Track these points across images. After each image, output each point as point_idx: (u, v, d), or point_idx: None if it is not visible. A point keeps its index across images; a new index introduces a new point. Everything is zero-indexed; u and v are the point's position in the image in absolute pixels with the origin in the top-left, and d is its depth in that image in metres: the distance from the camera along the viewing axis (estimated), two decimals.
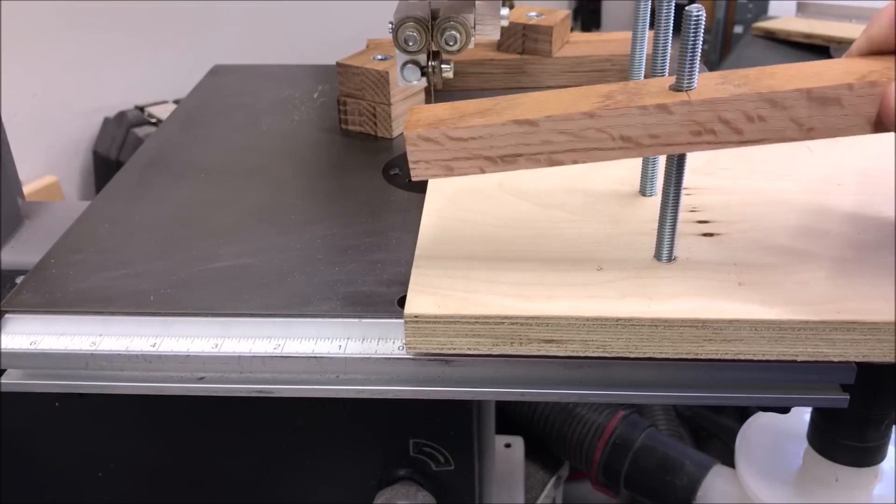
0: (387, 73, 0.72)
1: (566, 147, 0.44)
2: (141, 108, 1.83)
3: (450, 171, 0.46)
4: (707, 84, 0.44)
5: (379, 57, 0.75)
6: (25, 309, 0.52)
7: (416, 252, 0.51)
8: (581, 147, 0.44)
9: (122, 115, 1.81)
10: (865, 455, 0.56)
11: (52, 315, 0.51)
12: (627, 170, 0.58)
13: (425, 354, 0.47)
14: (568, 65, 0.84)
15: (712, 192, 0.56)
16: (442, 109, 0.47)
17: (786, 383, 0.47)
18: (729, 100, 0.42)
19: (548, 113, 0.44)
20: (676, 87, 0.44)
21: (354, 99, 0.75)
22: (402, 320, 0.46)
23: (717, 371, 0.47)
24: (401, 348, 0.48)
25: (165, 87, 1.86)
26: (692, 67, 0.43)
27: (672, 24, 0.48)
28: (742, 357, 0.45)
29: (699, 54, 0.43)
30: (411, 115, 0.47)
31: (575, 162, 0.45)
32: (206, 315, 0.51)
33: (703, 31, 0.43)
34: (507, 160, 0.45)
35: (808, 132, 0.43)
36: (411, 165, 0.46)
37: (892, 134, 0.43)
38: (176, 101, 1.80)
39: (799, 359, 0.44)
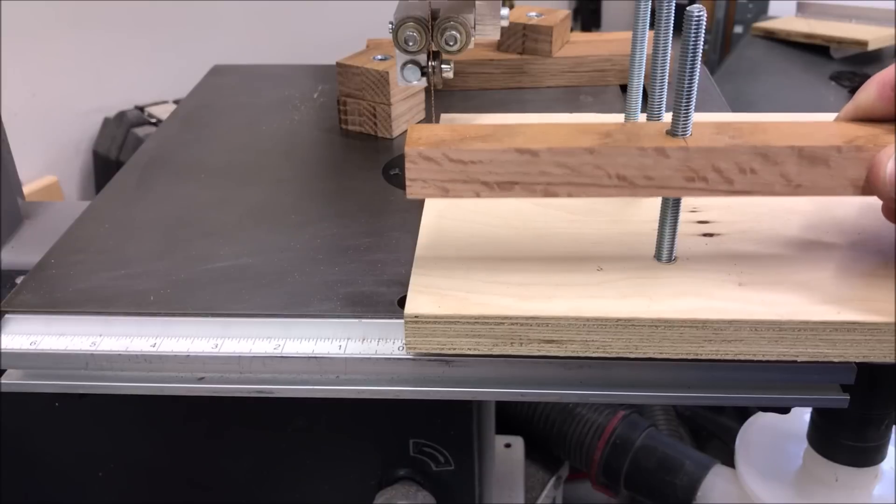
0: (387, 73, 0.72)
1: (563, 180, 0.45)
2: (141, 108, 1.83)
3: (445, 193, 0.46)
4: (703, 132, 0.45)
5: (379, 57, 0.75)
6: (25, 309, 0.52)
7: (416, 252, 0.51)
8: (577, 181, 0.45)
9: (122, 115, 1.81)
10: (865, 455, 0.56)
11: (52, 315, 0.51)
12: None
13: (425, 355, 0.47)
14: (568, 65, 0.84)
15: None
16: (442, 130, 0.47)
17: (786, 383, 0.47)
18: (724, 150, 0.44)
19: (549, 145, 0.44)
20: (672, 132, 0.45)
21: (354, 99, 0.75)
22: (402, 320, 0.46)
23: (717, 371, 0.47)
24: (401, 348, 0.48)
25: (165, 87, 1.86)
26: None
27: (672, 24, 0.48)
28: (742, 357, 0.45)
29: (698, 66, 0.44)
30: (412, 132, 0.47)
31: (570, 195, 0.46)
32: (206, 315, 0.51)
33: (703, 31, 0.43)
34: (504, 187, 0.46)
35: (795, 188, 0.45)
36: (408, 182, 0.46)
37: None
38: (176, 101, 1.80)
39: (799, 359, 0.44)
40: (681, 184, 0.45)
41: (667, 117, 0.48)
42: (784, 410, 0.60)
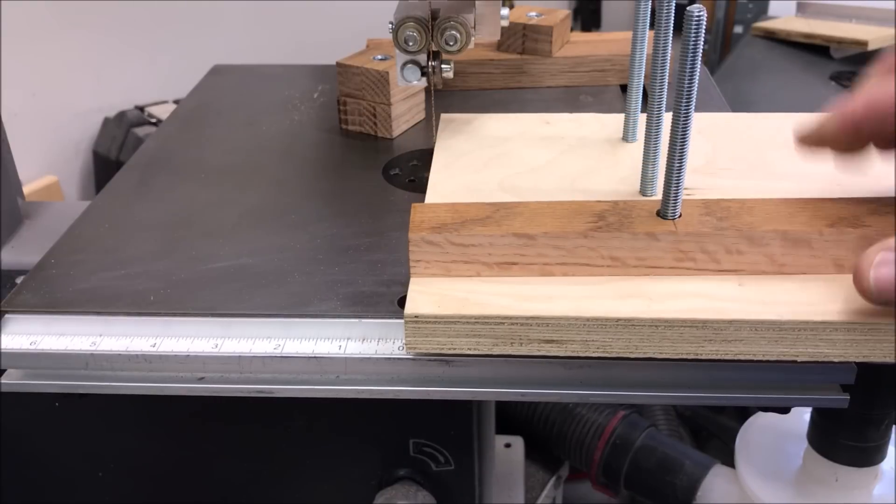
0: (387, 73, 0.72)
1: (558, 261, 0.47)
2: (141, 108, 1.83)
3: (448, 272, 0.48)
4: (692, 214, 0.47)
5: (379, 57, 0.75)
6: (25, 309, 0.52)
7: None
8: (572, 262, 0.47)
9: (122, 115, 1.81)
10: (865, 455, 0.56)
11: (52, 315, 0.51)
12: (628, 170, 0.58)
13: (425, 354, 0.47)
14: (568, 65, 0.84)
15: (712, 192, 0.56)
16: (444, 211, 0.49)
17: (786, 383, 0.47)
18: (711, 234, 0.46)
19: (545, 229, 0.47)
20: (662, 214, 0.47)
21: (354, 99, 0.75)
22: (402, 320, 0.46)
23: (717, 371, 0.47)
24: (401, 348, 0.48)
25: (165, 87, 1.86)
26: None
27: (672, 24, 0.48)
28: (742, 357, 0.45)
29: (698, 66, 0.44)
30: (415, 213, 0.49)
31: (565, 274, 0.48)
32: (206, 315, 0.51)
33: (703, 31, 0.43)
34: (503, 267, 0.48)
35: (780, 267, 0.46)
36: (411, 263, 0.48)
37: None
38: (176, 101, 1.80)
39: (799, 359, 0.44)
40: (671, 264, 0.47)
41: (667, 118, 0.48)
42: (784, 410, 0.60)
